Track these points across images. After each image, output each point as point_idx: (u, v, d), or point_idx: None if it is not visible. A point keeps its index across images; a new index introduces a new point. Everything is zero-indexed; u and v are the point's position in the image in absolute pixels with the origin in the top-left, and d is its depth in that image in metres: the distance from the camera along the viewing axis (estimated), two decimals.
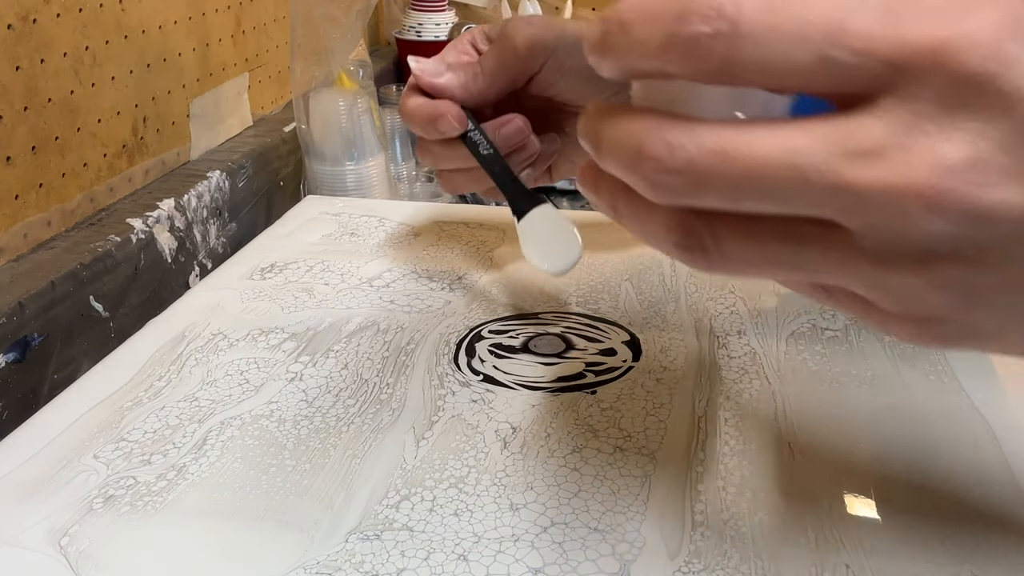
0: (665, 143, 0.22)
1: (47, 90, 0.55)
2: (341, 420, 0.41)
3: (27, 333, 0.48)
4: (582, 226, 0.46)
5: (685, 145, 0.22)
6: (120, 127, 0.62)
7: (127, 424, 0.41)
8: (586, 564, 0.32)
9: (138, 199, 0.63)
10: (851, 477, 0.37)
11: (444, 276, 0.56)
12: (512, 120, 0.47)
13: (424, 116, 0.46)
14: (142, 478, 0.37)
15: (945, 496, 0.36)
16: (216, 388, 0.44)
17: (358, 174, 0.75)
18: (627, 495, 0.36)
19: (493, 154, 0.46)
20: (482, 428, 0.40)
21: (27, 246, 0.54)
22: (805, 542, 0.33)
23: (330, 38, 0.71)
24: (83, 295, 0.53)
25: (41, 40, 0.54)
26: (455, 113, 0.46)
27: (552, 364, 0.46)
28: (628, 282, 0.55)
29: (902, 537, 0.34)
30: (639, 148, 0.22)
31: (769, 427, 0.40)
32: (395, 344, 0.47)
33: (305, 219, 0.65)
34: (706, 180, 0.22)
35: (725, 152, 0.21)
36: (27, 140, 0.53)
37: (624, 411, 0.41)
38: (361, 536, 0.34)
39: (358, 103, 0.74)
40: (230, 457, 0.38)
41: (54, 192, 0.56)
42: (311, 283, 0.55)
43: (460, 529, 0.34)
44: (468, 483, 0.37)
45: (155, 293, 0.59)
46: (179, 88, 0.69)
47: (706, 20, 0.21)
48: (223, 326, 0.49)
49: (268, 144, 0.76)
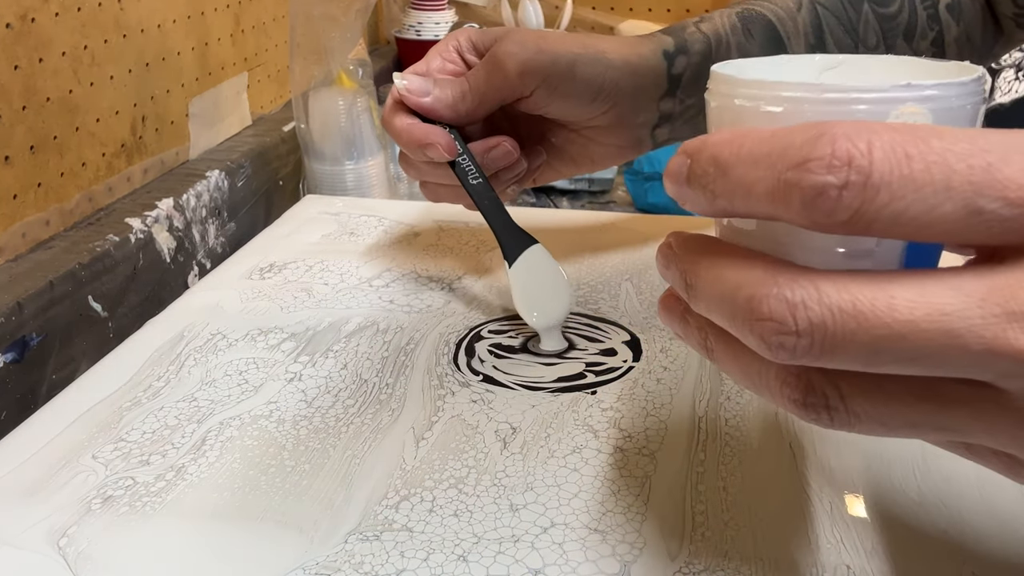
0: (785, 301, 0.20)
1: (46, 89, 0.54)
2: (340, 420, 0.41)
3: (25, 333, 0.48)
4: (582, 227, 0.46)
5: (810, 304, 0.20)
6: (119, 126, 0.62)
7: (126, 424, 0.41)
8: (586, 565, 0.32)
9: (137, 199, 0.62)
10: (851, 477, 0.37)
11: (444, 276, 0.56)
12: (500, 144, 0.47)
13: (413, 141, 0.46)
14: (141, 478, 0.37)
15: (946, 496, 0.36)
16: (215, 388, 0.43)
17: (357, 174, 0.75)
18: (627, 495, 0.36)
19: (482, 184, 0.46)
20: (482, 428, 0.40)
21: (26, 246, 0.54)
22: (805, 542, 0.33)
23: (329, 37, 0.71)
24: (82, 295, 0.53)
25: (40, 39, 0.54)
26: (445, 144, 0.45)
27: (552, 364, 0.46)
28: (628, 282, 0.55)
29: (902, 537, 0.34)
30: (751, 304, 0.20)
31: (769, 427, 0.40)
32: (395, 344, 0.47)
33: (304, 219, 0.65)
34: (837, 344, 0.20)
35: (860, 313, 0.19)
36: (25, 140, 0.53)
37: (624, 411, 0.41)
38: (361, 537, 0.34)
39: (358, 102, 0.74)
40: (229, 458, 0.38)
41: (53, 192, 0.56)
42: (310, 283, 0.54)
43: (460, 530, 0.34)
44: (468, 483, 0.36)
45: (154, 293, 0.59)
46: (178, 87, 0.69)
47: (833, 170, 0.19)
48: (222, 326, 0.49)
49: (267, 143, 0.76)
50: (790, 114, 0.22)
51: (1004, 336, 0.19)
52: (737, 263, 0.21)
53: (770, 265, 0.21)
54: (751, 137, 0.21)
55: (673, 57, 0.48)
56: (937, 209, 0.19)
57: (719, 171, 0.21)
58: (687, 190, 0.22)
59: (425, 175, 0.49)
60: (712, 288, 0.22)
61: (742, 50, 0.49)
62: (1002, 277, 0.19)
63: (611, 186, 0.90)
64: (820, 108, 0.22)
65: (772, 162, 0.20)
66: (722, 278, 0.21)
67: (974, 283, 0.19)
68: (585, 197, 0.89)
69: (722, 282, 0.21)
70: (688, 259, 0.23)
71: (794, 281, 0.20)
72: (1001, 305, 0.19)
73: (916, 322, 0.19)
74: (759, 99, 0.23)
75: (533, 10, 1.04)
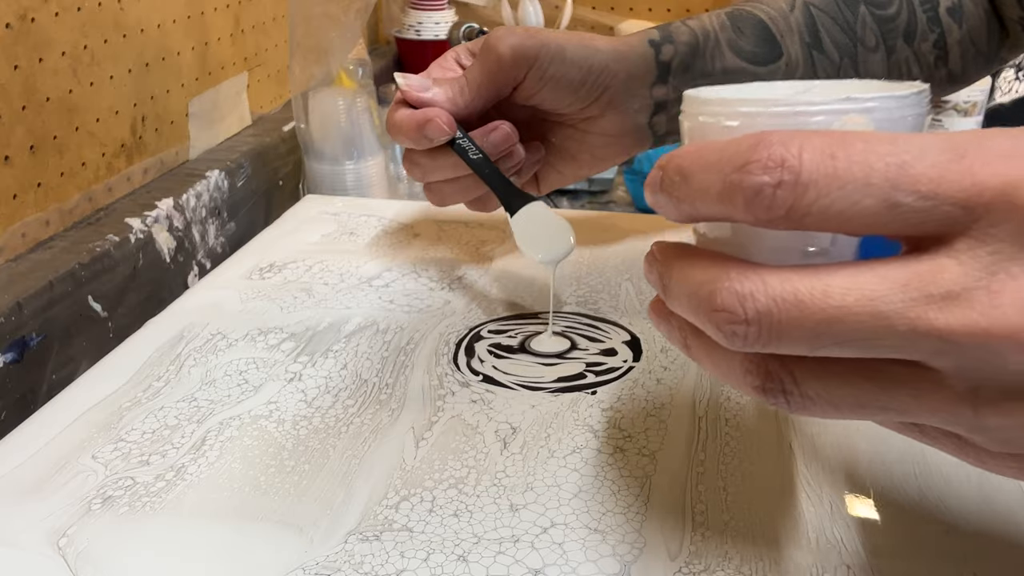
0: (736, 294, 0.22)
1: (45, 89, 0.54)
2: (340, 420, 0.41)
3: (25, 333, 0.48)
4: (582, 226, 0.46)
5: (756, 295, 0.22)
6: (119, 126, 0.62)
7: (126, 424, 0.41)
8: (586, 565, 0.32)
9: (137, 199, 0.62)
10: (851, 477, 0.37)
11: (444, 276, 0.56)
12: (499, 127, 0.47)
13: (413, 124, 0.46)
14: (141, 479, 0.37)
15: (946, 496, 0.36)
16: (215, 388, 0.43)
17: (357, 173, 0.75)
18: (627, 495, 0.36)
19: (483, 158, 0.47)
20: (482, 428, 0.40)
21: (25, 246, 0.54)
22: (805, 542, 0.33)
23: (329, 37, 0.71)
24: (81, 295, 0.53)
25: (39, 39, 0.54)
26: (444, 118, 0.46)
27: (552, 364, 0.46)
28: (628, 282, 0.55)
29: (903, 538, 0.34)
30: (709, 298, 0.23)
31: (769, 427, 0.40)
32: (394, 344, 0.47)
33: (304, 219, 0.65)
34: (781, 330, 0.22)
35: (800, 302, 0.22)
36: (25, 139, 0.53)
37: (624, 411, 0.41)
38: (360, 537, 0.34)
39: (357, 102, 0.74)
40: (229, 458, 0.38)
41: (52, 192, 0.56)
42: (310, 283, 0.54)
43: (460, 530, 0.34)
44: (468, 483, 0.36)
45: (154, 293, 0.59)
46: (178, 87, 0.69)
47: (768, 171, 0.21)
48: (222, 326, 0.49)
49: (267, 143, 0.76)
50: (745, 127, 0.24)
51: (925, 316, 0.21)
52: (702, 264, 0.24)
53: (725, 263, 0.23)
54: (708, 147, 0.23)
55: (659, 45, 0.49)
56: (860, 203, 0.21)
57: (682, 179, 0.24)
58: (660, 197, 0.25)
59: (428, 171, 0.49)
60: (680, 287, 0.24)
61: (733, 46, 0.49)
62: (922, 264, 0.21)
63: (611, 186, 0.90)
64: (771, 121, 0.25)
65: (721, 167, 0.22)
66: (688, 277, 0.24)
67: (899, 271, 0.21)
68: (585, 197, 0.89)
69: (688, 281, 0.24)
70: (665, 263, 0.25)
71: (744, 275, 0.22)
72: (920, 289, 0.21)
73: (848, 307, 0.21)
74: (719, 115, 0.26)
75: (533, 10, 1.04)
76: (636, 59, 0.48)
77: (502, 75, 0.47)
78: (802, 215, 0.21)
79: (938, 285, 0.21)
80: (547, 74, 0.47)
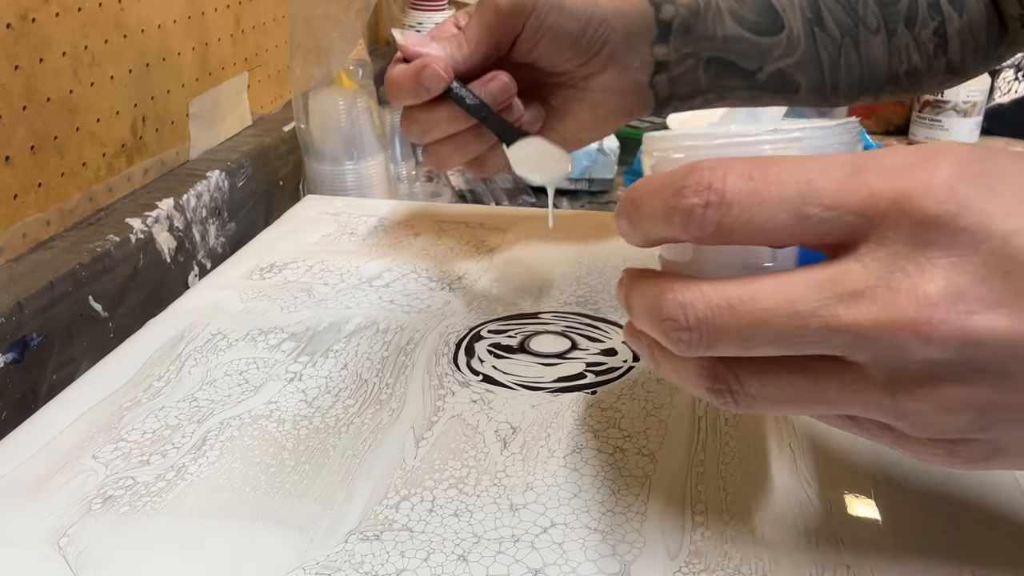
0: (678, 304, 0.25)
1: (46, 89, 0.55)
2: (341, 420, 0.41)
3: (26, 333, 0.48)
4: (583, 226, 0.46)
5: (696, 304, 0.25)
6: (119, 127, 0.62)
7: (126, 424, 0.41)
8: (586, 565, 0.32)
9: (137, 199, 0.62)
10: (851, 477, 0.37)
11: (444, 276, 0.56)
12: (497, 76, 0.47)
13: (411, 73, 0.46)
14: (141, 478, 0.37)
15: (945, 496, 0.36)
16: (215, 388, 0.43)
17: (358, 174, 0.75)
18: (627, 495, 0.36)
19: (480, 103, 0.46)
20: (482, 428, 0.40)
21: (26, 246, 0.54)
22: (805, 542, 0.33)
23: (329, 37, 0.71)
24: (82, 295, 0.53)
25: (40, 39, 0.54)
26: (442, 63, 0.46)
27: (552, 364, 0.46)
28: None
29: (902, 537, 0.34)
30: (657, 309, 0.26)
31: (769, 427, 0.40)
32: (395, 344, 0.47)
33: (304, 219, 0.65)
34: (718, 333, 0.25)
35: (732, 307, 0.25)
36: (26, 140, 0.53)
37: (624, 411, 0.41)
38: (361, 536, 0.34)
39: (358, 102, 0.74)
40: (229, 457, 0.38)
41: (53, 192, 0.56)
42: (310, 283, 0.54)
43: (460, 529, 0.34)
44: (468, 483, 0.36)
45: (154, 293, 0.59)
46: (178, 87, 0.69)
47: (698, 193, 0.25)
48: (222, 326, 0.49)
49: (267, 144, 0.76)
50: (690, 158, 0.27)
51: (836, 314, 0.23)
52: (654, 281, 0.27)
53: (672, 279, 0.26)
54: (656, 177, 0.26)
55: (660, 4, 0.49)
56: (776, 217, 0.24)
57: (635, 207, 0.27)
58: (622, 223, 0.28)
59: (425, 127, 0.48)
60: (639, 303, 0.27)
61: (734, 14, 0.49)
62: (833, 268, 0.24)
63: (611, 186, 0.90)
64: (712, 151, 0.28)
65: (663, 193, 0.26)
66: (644, 293, 0.27)
67: (815, 275, 0.24)
68: (585, 197, 0.89)
69: (644, 296, 0.27)
70: (629, 284, 0.28)
71: (685, 288, 0.25)
72: (831, 290, 0.24)
73: (772, 309, 0.24)
74: (669, 149, 0.30)
75: None
76: (635, 16, 0.48)
77: (500, 26, 0.47)
78: (729, 231, 0.25)
79: (845, 285, 0.24)
80: (545, 24, 0.46)
